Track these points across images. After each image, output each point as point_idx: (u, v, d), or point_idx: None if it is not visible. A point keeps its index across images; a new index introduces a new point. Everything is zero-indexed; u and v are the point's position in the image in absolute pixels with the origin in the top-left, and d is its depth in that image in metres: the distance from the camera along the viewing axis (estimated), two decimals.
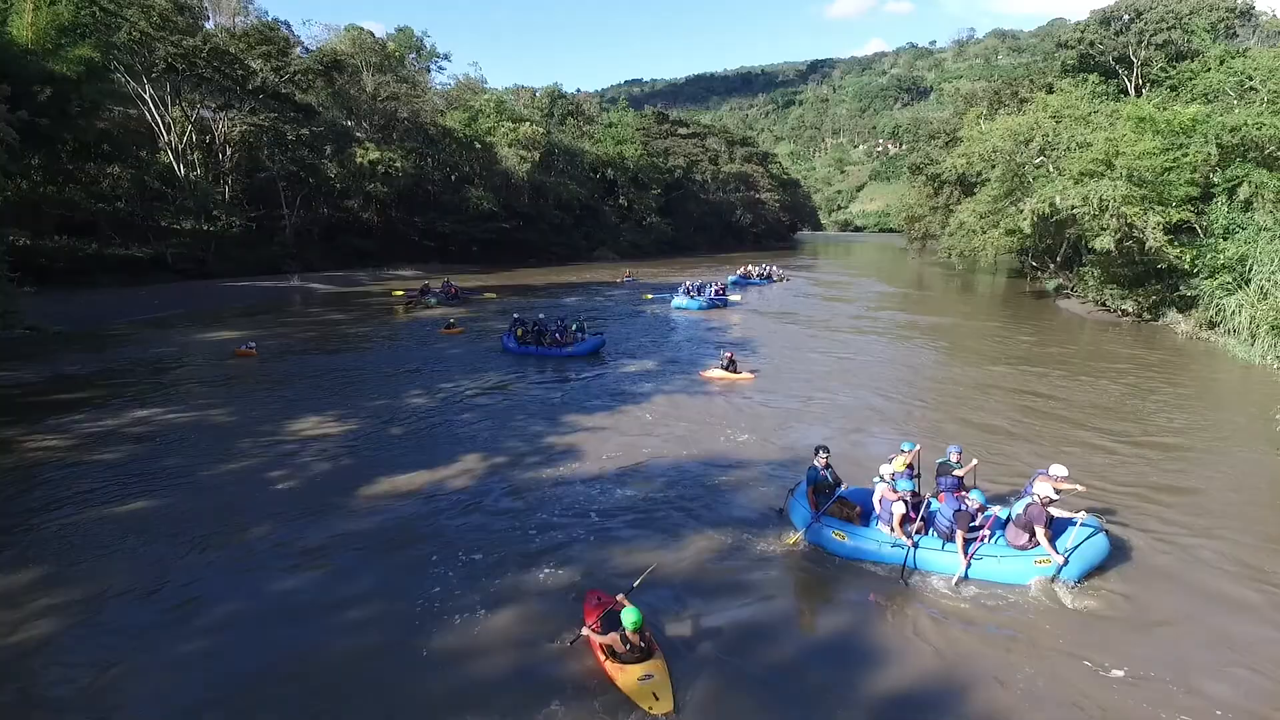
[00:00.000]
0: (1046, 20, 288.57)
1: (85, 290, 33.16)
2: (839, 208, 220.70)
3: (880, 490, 9.32)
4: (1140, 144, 22.26)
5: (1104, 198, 22.63)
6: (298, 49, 51.67)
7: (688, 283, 35.43)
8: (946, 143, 45.76)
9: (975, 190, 48.80)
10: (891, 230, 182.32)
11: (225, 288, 35.12)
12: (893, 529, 8.91)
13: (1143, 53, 34.55)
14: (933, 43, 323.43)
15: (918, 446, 10.44)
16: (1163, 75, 28.91)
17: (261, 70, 46.49)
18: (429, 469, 11.17)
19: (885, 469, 9.61)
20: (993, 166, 39.80)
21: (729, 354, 19.05)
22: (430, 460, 11.56)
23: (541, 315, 24.16)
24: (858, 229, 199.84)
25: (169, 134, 44.14)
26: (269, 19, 55.29)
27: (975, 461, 10.31)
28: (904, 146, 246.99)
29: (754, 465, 12.03)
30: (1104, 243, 23.43)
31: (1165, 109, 24.83)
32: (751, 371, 19.07)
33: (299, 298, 35.07)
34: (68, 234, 36.63)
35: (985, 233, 33.48)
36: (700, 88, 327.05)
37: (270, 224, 48.01)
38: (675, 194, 79.69)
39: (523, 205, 58.66)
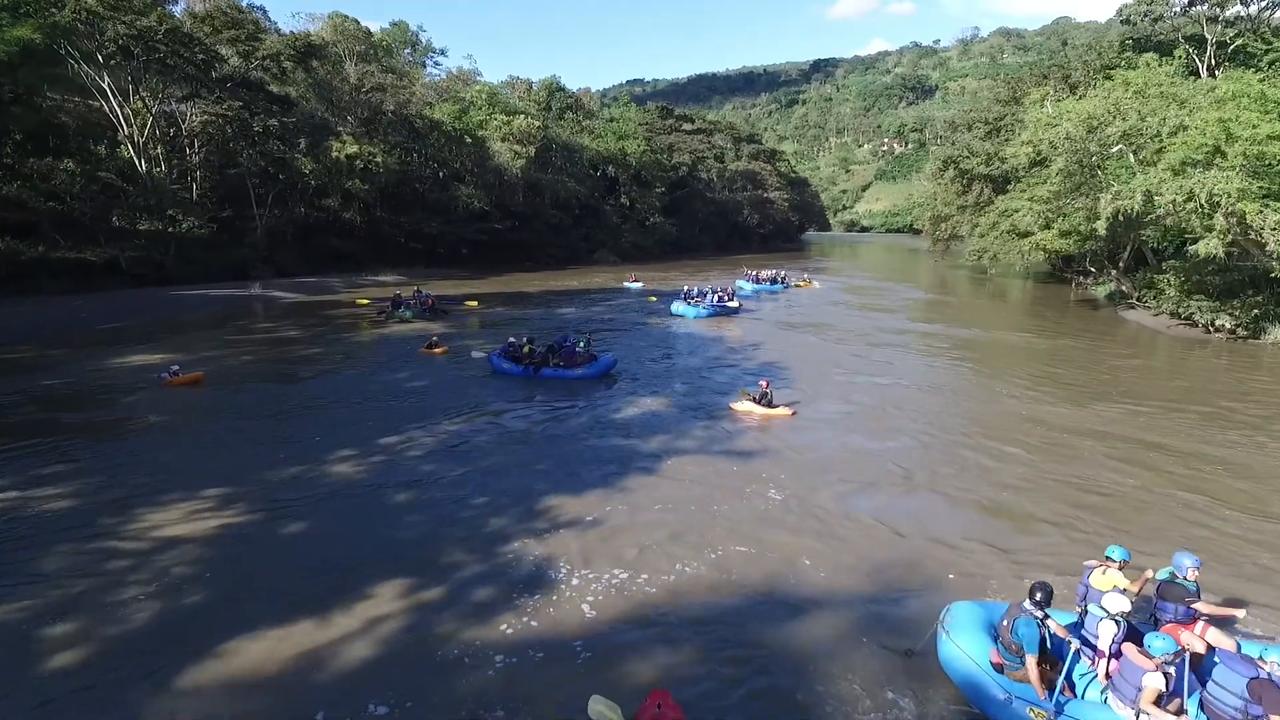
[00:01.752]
0: (1051, 19, 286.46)
1: (25, 298, 29.28)
2: (844, 207, 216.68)
3: (1108, 635, 5.48)
4: (1263, 126, 18.09)
5: (1213, 192, 18.48)
6: (272, 35, 47.49)
7: (687, 287, 32.10)
8: (988, 132, 41.55)
9: (1009, 188, 44.75)
10: (899, 230, 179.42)
11: (177, 296, 31.07)
12: (1140, 712, 5.14)
13: (1218, 28, 30.40)
14: (936, 41, 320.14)
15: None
16: (1262, 49, 24.78)
17: (230, 56, 42.50)
18: (316, 611, 7.04)
19: (1112, 602, 5.75)
20: (1036, 163, 35.66)
21: (765, 383, 15.46)
22: (323, 590, 7.43)
23: (529, 337, 20.02)
24: (864, 229, 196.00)
25: (129, 126, 40.23)
26: (242, 2, 51.22)
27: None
28: (909, 145, 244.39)
29: (832, 563, 8.13)
30: (1210, 247, 19.29)
31: (1273, 84, 20.73)
32: (788, 406, 15.33)
33: (260, 308, 30.98)
34: (8, 235, 32.69)
35: (1037, 233, 29.35)
36: (702, 87, 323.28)
37: (242, 224, 44.09)
38: (680, 193, 75.48)
39: (517, 204, 54.50)
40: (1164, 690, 5.14)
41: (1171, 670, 5.22)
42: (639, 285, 41.49)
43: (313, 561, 8.04)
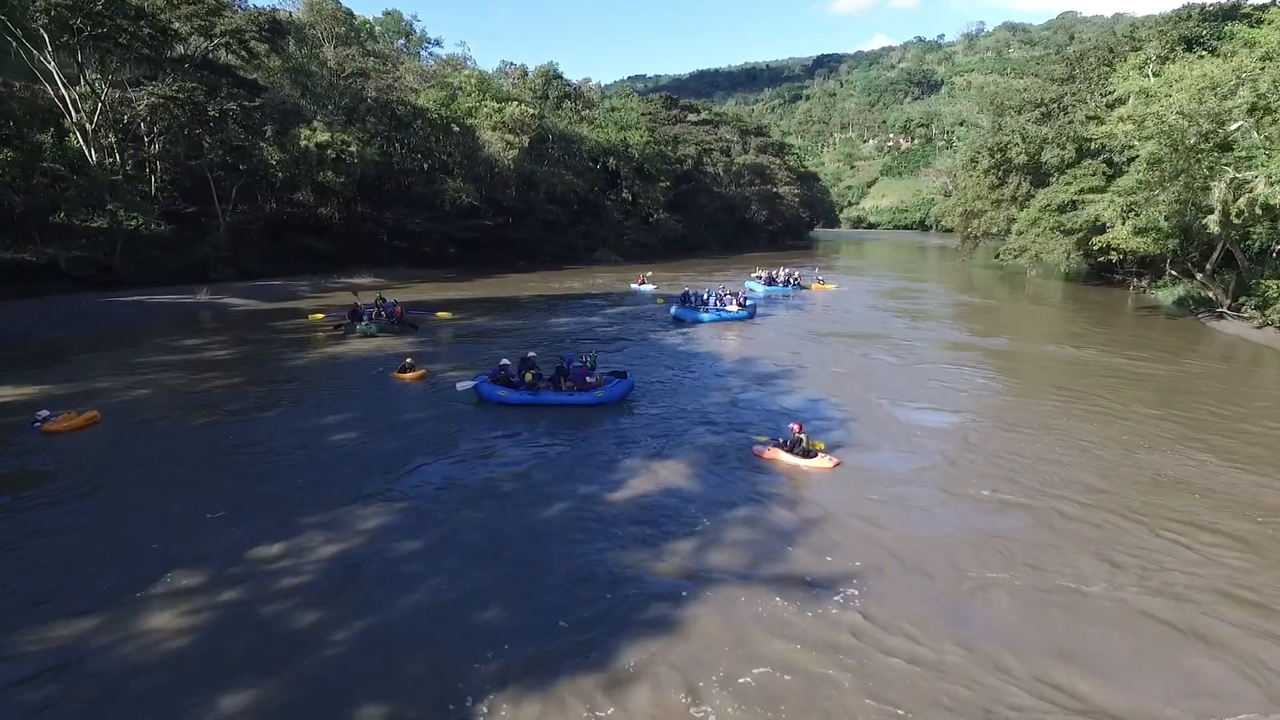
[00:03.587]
0: (1056, 14, 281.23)
1: None
2: (850, 204, 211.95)
3: None
4: None
5: None
6: (237, 12, 43.07)
7: (688, 290, 28.83)
8: (1045, 115, 37.12)
9: (1050, 179, 40.47)
10: (907, 227, 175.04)
11: (111, 304, 26.82)
12: None
13: None
14: (941, 36, 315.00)
15: None
16: None
17: (190, 34, 38.15)
18: None
19: None
20: (1089, 153, 31.39)
21: (797, 426, 11.88)
22: None
23: (528, 355, 16.33)
24: (871, 226, 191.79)
25: (77, 113, 36.14)
26: None
27: None
28: (915, 141, 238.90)
29: None
30: None
31: None
32: (829, 454, 11.62)
33: (205, 317, 26.68)
34: None
35: (1111, 230, 25.08)
36: (705, 83, 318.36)
37: (208, 221, 39.88)
38: (685, 187, 70.94)
39: (509, 199, 50.14)
40: None
41: None
42: (650, 288, 37.03)
43: None
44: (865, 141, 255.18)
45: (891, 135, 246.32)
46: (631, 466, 11.33)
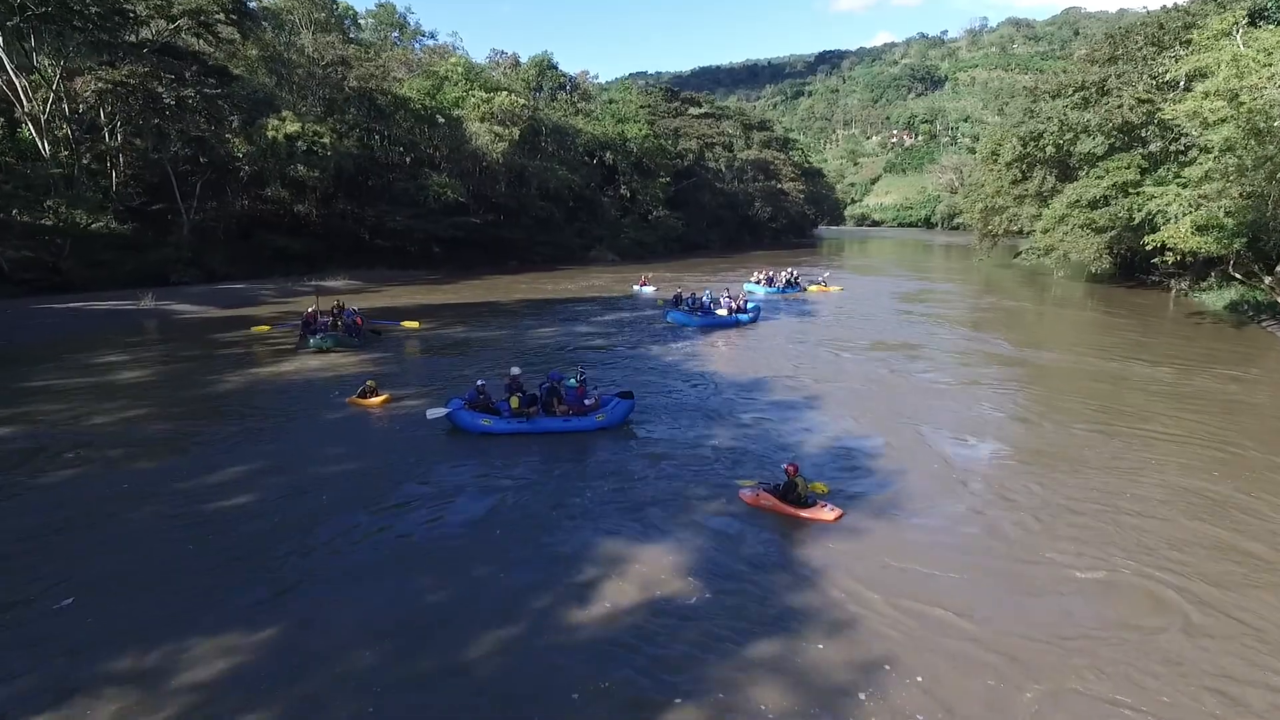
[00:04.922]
0: (1060, 9, 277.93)
1: None
2: (853, 201, 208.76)
3: None
4: None
5: None
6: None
7: (681, 292, 27.09)
8: (1084, 100, 34.03)
9: (1078, 174, 37.52)
10: (912, 224, 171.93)
11: (39, 312, 23.85)
12: None
13: None
14: (944, 32, 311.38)
15: None
16: None
17: (149, 17, 35.20)
18: None
19: None
20: (1116, 145, 28.39)
21: (792, 468, 9.58)
22: None
23: (514, 373, 13.62)
24: (875, 223, 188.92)
25: (29, 101, 33.33)
26: None
27: None
28: (919, 137, 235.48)
29: None
30: None
31: None
32: (828, 502, 9.50)
33: (144, 327, 23.68)
34: None
35: (1164, 229, 22.14)
36: (706, 79, 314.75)
37: (175, 219, 36.99)
38: (685, 183, 67.92)
39: (499, 195, 47.16)
40: None
41: None
42: (651, 290, 34.27)
43: None
44: (868, 138, 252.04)
45: (895, 132, 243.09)
46: (610, 551, 8.44)
